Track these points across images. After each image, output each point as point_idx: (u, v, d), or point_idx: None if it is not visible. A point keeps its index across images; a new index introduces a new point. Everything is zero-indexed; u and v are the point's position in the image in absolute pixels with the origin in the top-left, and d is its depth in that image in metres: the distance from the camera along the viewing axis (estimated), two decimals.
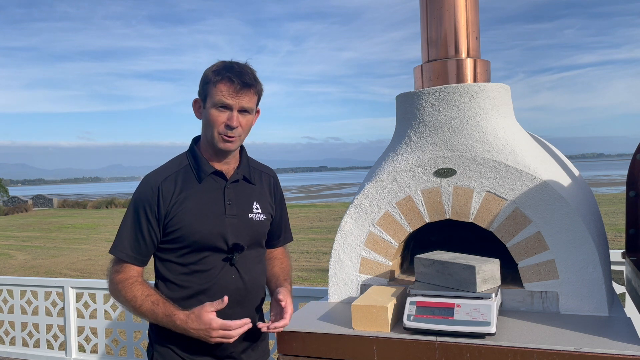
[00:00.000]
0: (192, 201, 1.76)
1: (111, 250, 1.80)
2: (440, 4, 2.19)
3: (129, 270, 1.77)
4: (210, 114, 1.73)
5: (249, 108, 1.75)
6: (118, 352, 4.37)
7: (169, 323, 1.68)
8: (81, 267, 12.90)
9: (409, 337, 1.71)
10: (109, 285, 1.81)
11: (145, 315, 1.72)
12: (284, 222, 2.08)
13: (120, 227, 1.80)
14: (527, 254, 1.89)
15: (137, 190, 1.80)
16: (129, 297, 1.72)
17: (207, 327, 1.63)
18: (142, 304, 1.70)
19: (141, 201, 1.76)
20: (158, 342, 1.81)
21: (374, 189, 2.13)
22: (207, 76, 1.75)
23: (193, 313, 1.66)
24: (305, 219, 22.17)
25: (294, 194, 57.54)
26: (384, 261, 2.12)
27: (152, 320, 1.73)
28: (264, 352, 1.99)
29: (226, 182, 1.82)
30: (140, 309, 1.71)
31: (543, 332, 1.67)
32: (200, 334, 1.65)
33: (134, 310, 1.74)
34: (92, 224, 25.34)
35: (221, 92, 1.70)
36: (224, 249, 1.78)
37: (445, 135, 2.05)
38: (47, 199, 46.81)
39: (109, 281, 1.80)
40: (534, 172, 1.90)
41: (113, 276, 1.79)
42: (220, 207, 1.79)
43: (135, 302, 1.71)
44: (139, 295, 1.72)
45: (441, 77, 2.18)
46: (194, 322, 1.65)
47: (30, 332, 4.72)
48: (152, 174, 1.82)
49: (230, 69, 1.72)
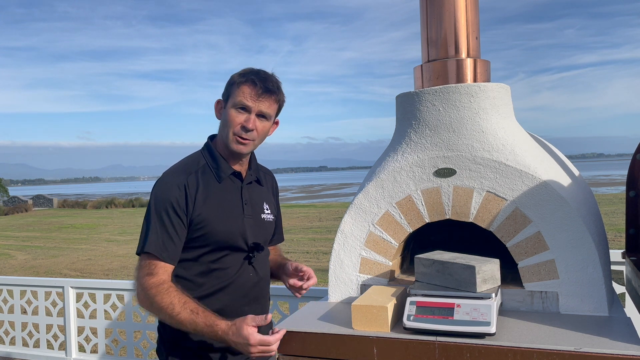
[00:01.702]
0: (214, 200, 1.77)
1: (142, 249, 1.71)
2: (440, 4, 2.19)
3: (162, 273, 1.69)
4: (229, 114, 1.76)
5: (267, 114, 1.78)
6: (118, 352, 4.37)
7: (210, 333, 1.63)
8: (81, 267, 12.90)
9: (409, 337, 1.71)
10: (140, 291, 1.70)
11: (182, 323, 1.64)
12: (280, 223, 2.16)
13: (147, 227, 1.73)
14: (527, 254, 1.90)
15: (160, 189, 1.74)
16: (165, 304, 1.64)
17: (246, 342, 1.59)
18: (180, 311, 1.63)
19: (168, 199, 1.71)
20: (172, 342, 1.80)
21: (374, 189, 2.13)
22: (232, 78, 1.79)
23: (234, 325, 1.61)
24: (305, 219, 22.17)
25: (294, 194, 57.53)
26: (384, 261, 2.12)
27: (190, 329, 1.65)
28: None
29: (242, 182, 1.85)
30: (177, 317, 1.63)
31: (543, 332, 1.67)
32: (239, 348, 1.62)
33: (168, 317, 1.65)
34: (92, 224, 25.35)
35: (242, 94, 1.73)
36: (244, 249, 1.82)
37: (445, 135, 2.05)
38: (47, 199, 46.83)
39: (140, 285, 1.70)
40: (534, 172, 1.90)
41: (144, 280, 1.68)
42: (239, 208, 1.83)
43: (172, 310, 1.63)
44: (176, 302, 1.64)
45: (441, 77, 2.18)
46: (234, 335, 1.60)
47: (30, 332, 4.72)
48: (173, 172, 1.78)
49: (256, 74, 1.76)
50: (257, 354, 1.63)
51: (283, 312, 4.01)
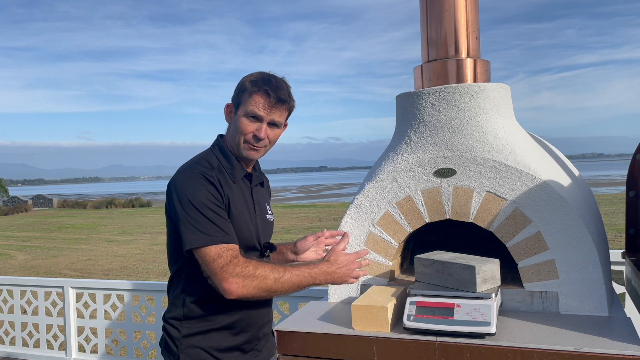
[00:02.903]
0: (233, 199, 1.77)
1: (201, 241, 1.60)
2: (440, 4, 2.19)
3: (236, 250, 1.63)
4: (241, 122, 1.75)
5: (278, 122, 1.79)
6: (118, 352, 4.37)
7: (318, 274, 1.68)
8: (81, 267, 12.90)
9: (409, 337, 1.71)
10: (234, 279, 1.56)
11: (289, 281, 1.61)
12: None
13: (193, 219, 1.62)
14: (527, 254, 1.90)
15: (192, 181, 1.68)
16: (268, 270, 1.60)
17: (348, 262, 1.73)
18: (284, 270, 1.63)
19: (206, 189, 1.66)
20: (186, 344, 1.75)
21: (374, 189, 2.13)
22: (243, 84, 1.77)
23: (328, 260, 1.73)
24: (305, 219, 22.17)
25: (294, 194, 57.52)
26: (384, 261, 2.12)
27: (295, 283, 1.63)
28: (273, 345, 2.03)
29: (251, 184, 1.88)
30: (284, 275, 1.61)
31: (543, 332, 1.67)
32: (344, 273, 1.72)
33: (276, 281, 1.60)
34: (92, 224, 25.34)
35: (255, 104, 1.73)
36: (257, 248, 1.84)
37: (445, 135, 2.05)
38: (47, 199, 46.82)
39: (231, 274, 1.57)
40: (534, 172, 1.90)
41: (232, 265, 1.58)
42: (251, 208, 1.85)
43: (276, 272, 1.61)
44: (272, 265, 1.64)
45: (441, 77, 2.18)
46: (334, 265, 1.71)
47: (30, 332, 4.72)
48: (199, 166, 1.73)
49: (268, 82, 1.74)
50: (356, 273, 1.76)
51: (283, 312, 4.01)
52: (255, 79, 1.76)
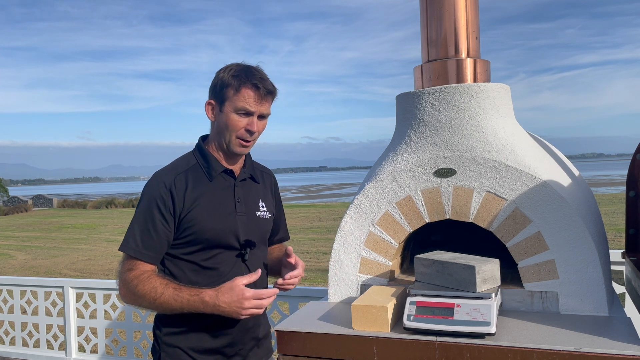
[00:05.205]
0: (204, 199, 1.77)
1: (121, 247, 1.73)
2: (440, 4, 2.19)
3: (142, 267, 1.71)
4: (230, 119, 1.74)
5: (266, 114, 1.79)
6: (118, 352, 4.38)
7: (197, 302, 1.63)
8: (81, 267, 12.91)
9: (409, 337, 1.71)
10: (121, 285, 1.72)
11: (167, 303, 1.65)
12: (282, 222, 2.16)
13: (132, 224, 1.75)
14: (527, 254, 1.90)
15: (149, 187, 1.76)
16: (147, 289, 1.65)
17: (239, 298, 1.60)
18: (163, 292, 1.64)
19: (154, 198, 1.72)
20: (166, 343, 1.79)
21: (374, 189, 2.13)
22: (224, 80, 1.73)
23: (223, 287, 1.63)
24: (305, 219, 22.17)
25: (294, 194, 57.53)
26: (384, 261, 2.12)
27: (175, 307, 1.65)
28: (268, 350, 2.01)
29: (235, 180, 1.84)
30: (161, 298, 1.64)
31: (543, 332, 1.67)
32: (232, 307, 1.62)
33: (152, 302, 1.66)
34: (92, 224, 25.34)
35: (244, 99, 1.71)
36: (235, 247, 1.81)
37: (445, 135, 2.05)
38: (47, 199, 46.83)
39: (121, 281, 1.72)
40: (534, 172, 1.90)
41: (125, 275, 1.71)
42: (231, 205, 1.81)
43: (155, 293, 1.64)
44: (157, 285, 1.66)
45: (441, 77, 2.18)
46: (225, 295, 1.62)
47: (30, 332, 4.72)
48: (163, 171, 1.79)
49: (252, 75, 1.72)
50: (250, 311, 1.64)
51: (283, 312, 4.01)
52: (237, 73, 1.73)
